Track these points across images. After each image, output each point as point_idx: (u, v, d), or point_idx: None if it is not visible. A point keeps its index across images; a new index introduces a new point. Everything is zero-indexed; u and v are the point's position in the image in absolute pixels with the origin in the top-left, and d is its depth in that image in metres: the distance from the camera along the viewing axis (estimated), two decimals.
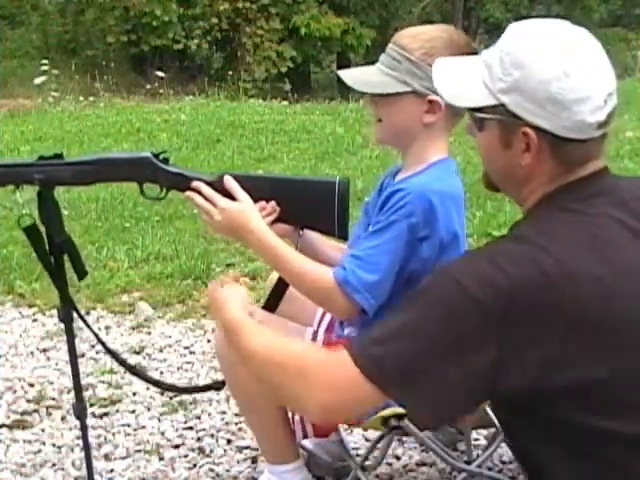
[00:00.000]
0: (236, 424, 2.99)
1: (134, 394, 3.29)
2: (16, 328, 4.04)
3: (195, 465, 2.77)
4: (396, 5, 22.12)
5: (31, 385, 3.40)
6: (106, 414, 3.14)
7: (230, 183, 2.08)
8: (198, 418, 3.09)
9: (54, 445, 2.93)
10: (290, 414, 2.32)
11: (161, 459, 2.83)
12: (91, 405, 3.18)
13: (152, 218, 5.71)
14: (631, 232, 1.47)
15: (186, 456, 2.84)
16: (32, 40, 20.39)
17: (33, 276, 4.51)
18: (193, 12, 19.32)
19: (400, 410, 2.15)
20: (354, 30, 20.81)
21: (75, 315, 2.21)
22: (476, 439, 2.79)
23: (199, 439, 2.94)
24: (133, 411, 3.16)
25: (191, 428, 3.02)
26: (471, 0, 22.38)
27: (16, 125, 9.86)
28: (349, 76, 2.15)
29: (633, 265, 1.44)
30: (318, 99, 13.75)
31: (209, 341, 3.78)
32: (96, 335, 2.36)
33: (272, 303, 2.32)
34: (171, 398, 3.25)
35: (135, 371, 2.57)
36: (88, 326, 2.29)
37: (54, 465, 2.81)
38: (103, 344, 2.42)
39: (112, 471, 2.76)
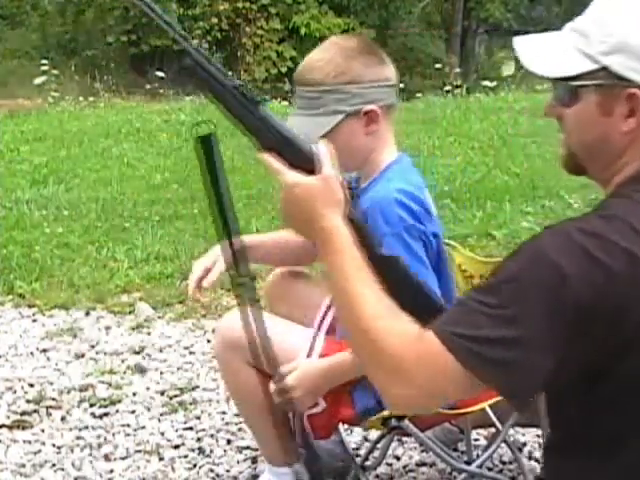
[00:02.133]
0: (236, 424, 2.99)
1: (134, 394, 3.29)
2: (16, 328, 4.03)
3: (195, 465, 2.77)
4: (396, 5, 22.07)
5: (31, 385, 3.40)
6: (106, 414, 3.14)
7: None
8: (198, 418, 3.09)
9: (54, 445, 2.93)
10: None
11: (161, 459, 2.82)
12: (91, 405, 3.19)
13: (152, 218, 5.70)
14: None
15: (186, 456, 2.84)
16: (32, 40, 20.37)
17: (33, 276, 4.50)
18: (193, 12, 19.30)
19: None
20: (354, 30, 20.75)
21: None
22: (476, 439, 2.79)
23: (199, 439, 2.94)
24: (133, 411, 3.16)
25: (191, 428, 3.02)
26: (471, 0, 22.34)
27: (16, 125, 9.85)
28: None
29: None
30: None
31: (209, 341, 3.78)
32: None
33: None
34: (171, 398, 3.25)
35: None
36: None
37: (54, 465, 2.81)
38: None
39: (112, 471, 2.75)
